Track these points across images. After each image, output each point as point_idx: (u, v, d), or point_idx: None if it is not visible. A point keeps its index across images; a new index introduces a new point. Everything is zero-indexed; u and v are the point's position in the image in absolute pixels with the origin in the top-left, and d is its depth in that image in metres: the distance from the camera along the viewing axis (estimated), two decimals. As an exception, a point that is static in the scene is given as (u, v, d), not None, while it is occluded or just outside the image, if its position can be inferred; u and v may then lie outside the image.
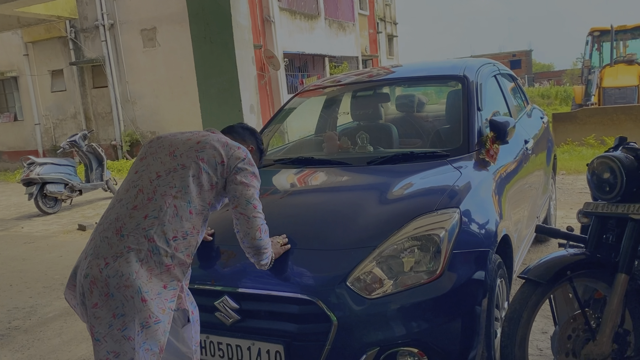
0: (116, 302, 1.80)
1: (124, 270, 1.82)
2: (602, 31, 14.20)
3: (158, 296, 1.83)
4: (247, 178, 2.06)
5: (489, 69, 3.79)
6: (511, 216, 2.94)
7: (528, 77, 45.60)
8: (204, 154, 2.04)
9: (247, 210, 2.04)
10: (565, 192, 6.73)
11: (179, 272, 1.91)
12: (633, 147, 2.35)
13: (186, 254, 1.93)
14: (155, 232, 1.88)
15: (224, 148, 2.08)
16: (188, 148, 2.06)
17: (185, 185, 1.97)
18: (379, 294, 2.12)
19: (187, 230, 1.94)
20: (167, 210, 1.92)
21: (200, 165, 2.01)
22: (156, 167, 2.03)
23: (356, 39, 22.63)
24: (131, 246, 1.86)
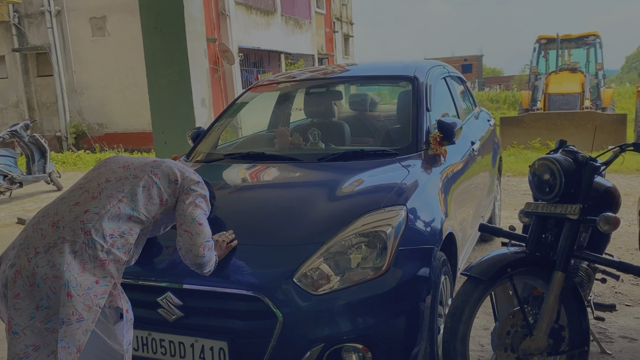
0: (41, 293, 1.72)
1: (56, 261, 1.75)
2: (548, 39, 14.76)
3: (87, 291, 1.74)
4: (197, 199, 2.10)
5: (438, 70, 3.86)
6: (456, 215, 3.00)
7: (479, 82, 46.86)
8: (158, 170, 2.09)
9: (191, 228, 2.04)
10: (510, 193, 6.95)
11: (114, 268, 1.85)
12: (572, 150, 2.44)
13: (123, 251, 1.89)
14: (93, 226, 1.84)
15: (180, 170, 2.14)
16: (143, 164, 2.10)
17: (133, 193, 1.99)
18: (326, 290, 2.12)
19: (125, 231, 1.92)
20: (109, 209, 1.91)
21: (153, 178, 2.05)
22: (107, 175, 2.04)
23: (312, 37, 22.64)
24: (66, 237, 1.80)
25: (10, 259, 1.81)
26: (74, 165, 12.35)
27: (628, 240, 4.78)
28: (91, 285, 1.76)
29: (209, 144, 3.52)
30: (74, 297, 1.71)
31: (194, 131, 3.65)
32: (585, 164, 2.32)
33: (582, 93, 12.96)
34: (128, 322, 1.93)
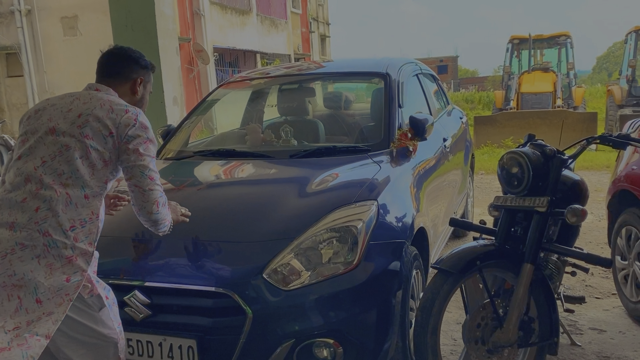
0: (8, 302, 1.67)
1: (17, 270, 1.68)
2: (521, 39, 14.97)
3: (58, 292, 1.70)
4: (140, 145, 1.86)
5: (411, 67, 3.88)
6: (428, 211, 3.01)
7: (454, 82, 47.32)
8: (87, 130, 1.82)
9: (142, 183, 1.87)
10: (484, 190, 7.03)
11: (82, 262, 1.77)
12: (540, 144, 2.47)
13: (87, 242, 1.79)
14: (49, 224, 1.73)
15: (110, 116, 1.84)
16: (70, 124, 1.83)
17: (74, 169, 1.79)
18: (296, 285, 2.10)
19: (85, 218, 1.79)
20: (58, 199, 1.75)
21: (86, 142, 1.81)
22: (40, 152, 1.81)
23: (288, 36, 22.60)
24: (25, 243, 1.71)
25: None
26: (45, 167, 12.09)
27: (598, 235, 4.87)
28: (61, 285, 1.71)
29: (180, 141, 3.47)
30: (44, 302, 1.68)
31: (164, 128, 3.60)
32: (553, 157, 2.35)
33: (554, 92, 13.18)
34: (112, 306, 1.90)
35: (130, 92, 2.03)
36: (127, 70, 2.02)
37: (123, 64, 2.02)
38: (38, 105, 1.95)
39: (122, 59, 2.04)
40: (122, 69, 2.02)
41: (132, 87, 2.03)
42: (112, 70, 2.01)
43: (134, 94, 2.03)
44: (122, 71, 2.02)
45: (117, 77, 2.01)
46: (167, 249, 2.27)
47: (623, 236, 3.30)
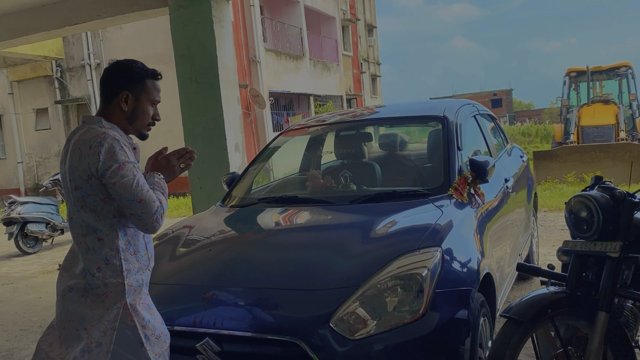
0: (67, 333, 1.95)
1: (69, 307, 1.93)
2: (578, 72, 14.65)
3: (99, 320, 1.88)
4: (115, 175, 1.81)
5: (468, 109, 3.88)
6: (493, 254, 2.96)
7: (509, 116, 46.53)
8: (75, 182, 1.87)
9: (133, 209, 1.83)
10: (547, 229, 6.80)
11: (118, 293, 1.90)
12: (608, 187, 2.40)
13: (116, 275, 1.90)
14: (85, 270, 1.92)
15: (81, 160, 1.84)
16: (66, 174, 1.92)
17: (82, 219, 1.91)
18: (363, 334, 2.11)
19: (107, 256, 1.90)
20: (81, 248, 1.94)
21: (79, 193, 1.87)
22: (68, 201, 1.96)
23: (340, 78, 23.04)
24: (72, 287, 1.93)
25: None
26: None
27: (675, 276, 4.59)
28: (103, 313, 1.89)
29: (243, 188, 3.59)
30: (89, 329, 1.88)
31: (228, 176, 3.74)
32: (623, 200, 2.28)
33: (616, 124, 12.73)
34: (151, 337, 1.94)
35: (119, 110, 1.96)
36: (111, 89, 1.96)
37: (105, 84, 1.98)
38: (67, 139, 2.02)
39: (104, 78, 1.99)
40: (106, 89, 1.98)
41: (118, 105, 1.95)
42: (100, 92, 2.00)
43: (122, 110, 1.96)
44: (107, 91, 1.97)
45: (104, 100, 1.98)
46: (236, 296, 2.33)
47: None
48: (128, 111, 1.97)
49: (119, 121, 1.97)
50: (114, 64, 2.01)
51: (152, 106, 2.05)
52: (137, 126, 2.02)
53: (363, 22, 30.26)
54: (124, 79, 1.96)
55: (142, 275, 1.97)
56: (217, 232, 3.01)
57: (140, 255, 1.97)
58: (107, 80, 1.98)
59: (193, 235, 2.97)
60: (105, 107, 1.98)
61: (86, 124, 1.94)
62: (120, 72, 1.98)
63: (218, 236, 2.93)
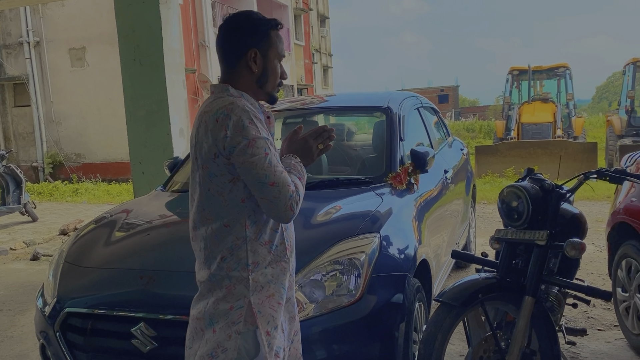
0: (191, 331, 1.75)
1: (195, 303, 1.75)
2: (520, 70, 15.19)
3: (225, 323, 1.66)
4: (244, 154, 1.58)
5: (412, 101, 3.97)
6: (430, 242, 3.05)
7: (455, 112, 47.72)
8: (201, 158, 1.65)
9: (264, 193, 1.59)
10: (486, 220, 7.06)
11: (242, 288, 1.66)
12: (539, 178, 2.53)
13: (240, 268, 1.66)
14: (210, 261, 1.69)
15: (207, 135, 1.61)
16: (194, 157, 1.69)
17: (208, 203, 1.66)
18: (300, 317, 2.13)
19: (232, 246, 1.66)
20: (207, 236, 1.68)
21: (206, 172, 1.64)
22: (190, 186, 1.76)
23: (291, 68, 22.96)
24: (200, 280, 1.73)
25: None
26: (50, 195, 12.18)
27: (600, 266, 4.88)
28: (227, 314, 1.66)
29: (186, 173, 3.53)
30: (217, 331, 1.66)
31: (171, 161, 3.67)
32: (552, 192, 2.40)
33: (554, 122, 13.31)
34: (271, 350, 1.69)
35: (247, 72, 1.70)
36: (234, 49, 1.70)
37: (226, 44, 1.72)
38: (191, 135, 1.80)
39: (224, 38, 1.72)
40: (228, 50, 1.71)
41: (246, 66, 1.70)
42: (220, 56, 1.73)
43: (251, 72, 1.70)
44: (229, 53, 1.71)
45: (227, 63, 1.72)
46: (175, 281, 2.30)
47: (623, 268, 3.33)
48: (258, 72, 1.70)
49: (248, 86, 1.70)
50: (230, 20, 1.72)
51: (279, 62, 1.77)
52: (268, 88, 1.75)
53: (316, 13, 30.20)
54: (248, 34, 1.69)
55: (275, 270, 1.69)
56: (157, 216, 2.96)
57: (273, 247, 1.70)
58: (227, 39, 1.71)
59: (131, 219, 2.90)
60: (229, 72, 1.71)
61: (214, 93, 1.70)
62: (242, 28, 1.70)
63: (157, 220, 2.88)
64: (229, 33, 1.71)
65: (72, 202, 11.13)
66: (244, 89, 1.70)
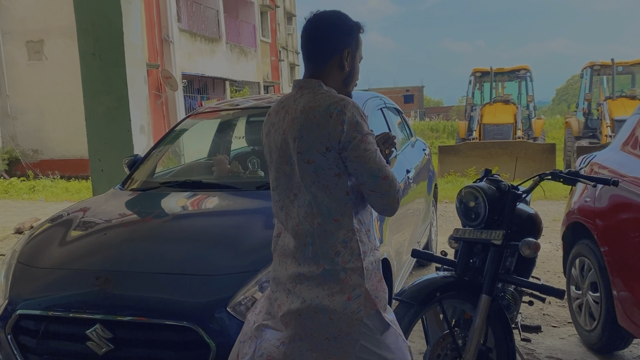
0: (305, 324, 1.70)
1: (305, 296, 1.69)
2: (483, 72, 15.50)
3: (344, 312, 1.67)
4: (358, 148, 1.62)
5: (375, 102, 3.99)
6: (392, 241, 3.08)
7: (420, 112, 48.33)
8: (307, 154, 1.64)
9: (377, 186, 1.65)
10: (447, 219, 7.18)
11: (357, 278, 1.69)
12: (496, 179, 2.59)
13: (354, 259, 1.68)
14: (320, 257, 1.69)
15: (319, 129, 1.62)
16: (290, 151, 1.68)
17: (313, 197, 1.67)
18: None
19: (344, 239, 1.68)
20: (314, 232, 1.68)
21: (312, 167, 1.65)
22: (284, 184, 1.74)
23: (258, 65, 22.82)
24: (306, 275, 1.70)
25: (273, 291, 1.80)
26: (5, 193, 11.78)
27: (556, 264, 5.02)
28: (345, 306, 1.67)
29: (146, 171, 3.48)
30: (334, 319, 1.67)
31: (130, 158, 3.60)
32: (508, 192, 2.46)
33: (514, 123, 13.64)
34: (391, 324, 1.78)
35: (338, 70, 1.74)
36: (329, 46, 1.72)
37: (321, 41, 1.73)
38: (265, 128, 1.81)
39: (317, 35, 1.74)
40: (321, 46, 1.73)
41: (339, 64, 1.73)
42: (312, 52, 1.74)
43: (342, 70, 1.74)
44: (322, 49, 1.73)
45: (318, 59, 1.73)
46: (131, 282, 2.26)
47: (577, 267, 3.43)
48: (348, 71, 1.74)
49: (336, 83, 1.73)
50: (324, 18, 1.75)
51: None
52: (350, 88, 1.79)
53: (282, 10, 30.11)
54: (344, 34, 1.73)
55: (374, 257, 1.75)
56: (115, 215, 2.89)
57: (371, 235, 1.76)
58: (323, 36, 1.72)
59: (88, 218, 2.83)
60: (318, 69, 1.72)
61: (303, 88, 1.71)
62: (339, 27, 1.73)
63: (115, 220, 2.82)
64: (328, 31, 1.73)
65: (29, 200, 10.80)
66: (332, 86, 1.72)
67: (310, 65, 1.75)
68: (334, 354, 1.69)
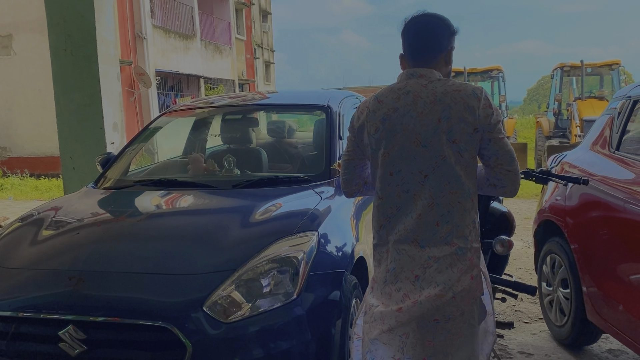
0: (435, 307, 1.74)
1: (438, 280, 1.74)
2: (456, 72, 15.66)
3: (468, 293, 1.74)
4: (500, 131, 1.77)
5: (351, 100, 4.01)
6: (368, 239, 3.09)
7: (395, 110, 48.56)
8: (454, 134, 1.72)
9: (514, 166, 1.79)
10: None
11: (477, 259, 1.79)
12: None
13: (476, 240, 1.80)
14: (453, 236, 1.75)
15: (467, 111, 1.72)
16: (432, 132, 1.73)
17: (456, 177, 1.74)
18: (237, 317, 2.11)
19: (474, 219, 1.80)
20: (453, 210, 1.74)
21: (457, 147, 1.73)
22: (412, 164, 1.76)
23: (233, 62, 22.66)
24: (437, 256, 1.75)
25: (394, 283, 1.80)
26: (-29, 191, 11.47)
27: (527, 261, 5.13)
28: (470, 285, 1.74)
29: (119, 169, 3.42)
30: (457, 299, 1.73)
31: (103, 156, 3.54)
32: (481, 191, 2.49)
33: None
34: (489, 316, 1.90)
35: (444, 64, 1.87)
36: (442, 43, 1.85)
37: (435, 38, 1.84)
38: (377, 114, 1.81)
39: (432, 31, 1.85)
40: (435, 43, 1.84)
41: (445, 59, 1.87)
42: (427, 47, 1.84)
43: (447, 65, 1.89)
44: (435, 45, 1.84)
45: (432, 54, 1.84)
46: (105, 282, 2.22)
47: (548, 264, 3.51)
48: (450, 66, 1.90)
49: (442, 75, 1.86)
50: (437, 19, 1.86)
51: None
52: None
53: (258, 7, 29.95)
54: (450, 35, 1.86)
55: None
56: (88, 214, 2.84)
57: None
58: (437, 35, 1.84)
59: (60, 217, 2.78)
60: (430, 62, 1.83)
61: (424, 77, 1.80)
62: (447, 28, 1.86)
63: (88, 219, 2.77)
64: (442, 31, 1.85)
65: (-3, 198, 10.53)
66: None
67: (421, 58, 1.84)
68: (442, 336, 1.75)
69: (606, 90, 13.67)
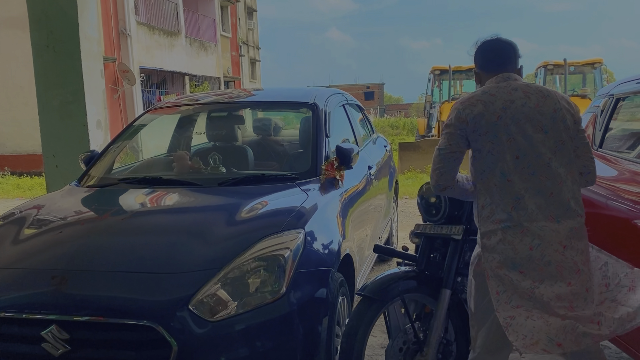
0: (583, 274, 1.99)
1: (580, 246, 2.01)
2: (441, 70, 15.75)
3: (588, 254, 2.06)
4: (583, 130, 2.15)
5: (337, 98, 4.01)
6: (354, 237, 3.11)
7: (380, 108, 48.79)
8: (566, 122, 2.05)
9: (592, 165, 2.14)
10: (408, 215, 7.28)
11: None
12: (456, 175, 2.63)
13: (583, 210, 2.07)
14: (579, 207, 2.02)
15: (569, 105, 2.09)
16: (551, 119, 2.03)
17: (571, 158, 2.06)
18: (223, 316, 2.10)
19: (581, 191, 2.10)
20: (575, 187, 2.04)
21: (569, 133, 2.06)
22: (536, 149, 2.00)
23: (218, 60, 22.53)
24: (576, 226, 2.00)
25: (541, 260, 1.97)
26: (-49, 189, 11.26)
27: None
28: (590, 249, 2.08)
29: (103, 167, 3.39)
30: (581, 270, 2.00)
31: (87, 154, 3.50)
32: (467, 188, 2.50)
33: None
34: None
35: (519, 75, 2.20)
36: (517, 60, 2.20)
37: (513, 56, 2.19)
38: (495, 105, 2.03)
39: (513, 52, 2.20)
40: (514, 59, 2.20)
41: (519, 71, 2.20)
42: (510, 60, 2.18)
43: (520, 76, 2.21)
44: (515, 61, 2.19)
45: (512, 67, 2.18)
46: (89, 281, 2.20)
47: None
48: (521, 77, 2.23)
49: None
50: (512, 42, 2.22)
51: None
52: None
53: (243, 4, 29.81)
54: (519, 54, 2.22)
55: None
56: (71, 213, 2.81)
57: None
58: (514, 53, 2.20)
59: (43, 215, 2.74)
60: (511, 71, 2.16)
61: (519, 79, 2.14)
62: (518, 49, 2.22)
63: (71, 217, 2.74)
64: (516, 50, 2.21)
65: (-22, 197, 10.35)
66: None
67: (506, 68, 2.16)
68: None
69: (588, 88, 13.84)
